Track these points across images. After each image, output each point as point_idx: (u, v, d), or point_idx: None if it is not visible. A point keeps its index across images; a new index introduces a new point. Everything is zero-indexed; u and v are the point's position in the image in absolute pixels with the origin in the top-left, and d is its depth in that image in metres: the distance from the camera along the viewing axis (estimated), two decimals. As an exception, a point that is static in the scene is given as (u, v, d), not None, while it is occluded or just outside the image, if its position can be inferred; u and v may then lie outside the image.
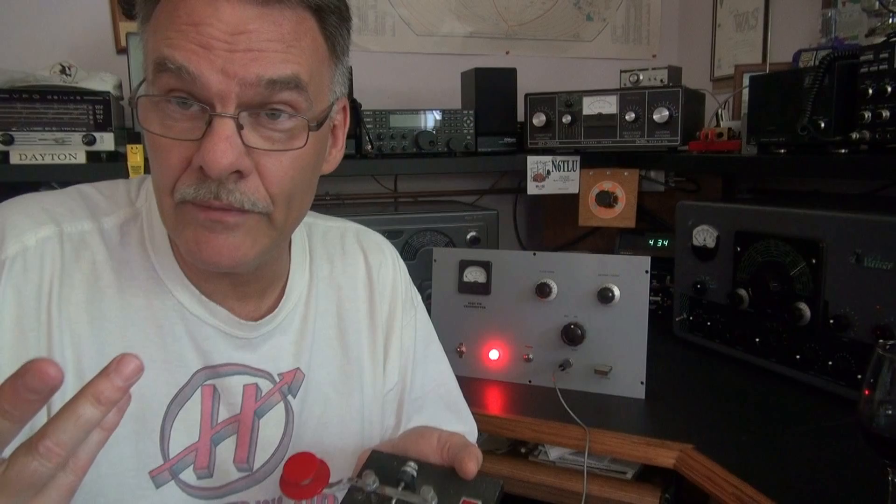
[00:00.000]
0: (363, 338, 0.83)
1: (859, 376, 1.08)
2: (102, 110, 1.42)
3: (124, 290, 0.67)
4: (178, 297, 0.69)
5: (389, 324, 0.86)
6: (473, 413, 0.96)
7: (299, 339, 0.77)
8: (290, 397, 0.75)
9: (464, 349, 1.32)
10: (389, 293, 0.87)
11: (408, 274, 0.92)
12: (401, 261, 0.92)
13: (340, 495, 0.58)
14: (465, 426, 0.92)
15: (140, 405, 0.66)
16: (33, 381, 0.39)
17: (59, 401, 0.62)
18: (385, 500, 0.56)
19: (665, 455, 1.01)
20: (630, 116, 1.65)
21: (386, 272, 0.87)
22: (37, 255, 0.64)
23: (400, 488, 0.56)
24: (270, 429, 0.74)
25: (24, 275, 0.63)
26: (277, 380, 0.75)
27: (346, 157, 0.77)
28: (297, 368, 0.76)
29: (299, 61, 0.59)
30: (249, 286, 0.72)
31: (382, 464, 0.59)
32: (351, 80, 1.49)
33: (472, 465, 0.56)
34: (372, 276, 0.86)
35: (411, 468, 0.58)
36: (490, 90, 1.81)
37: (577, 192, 1.82)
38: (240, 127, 0.58)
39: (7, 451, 0.49)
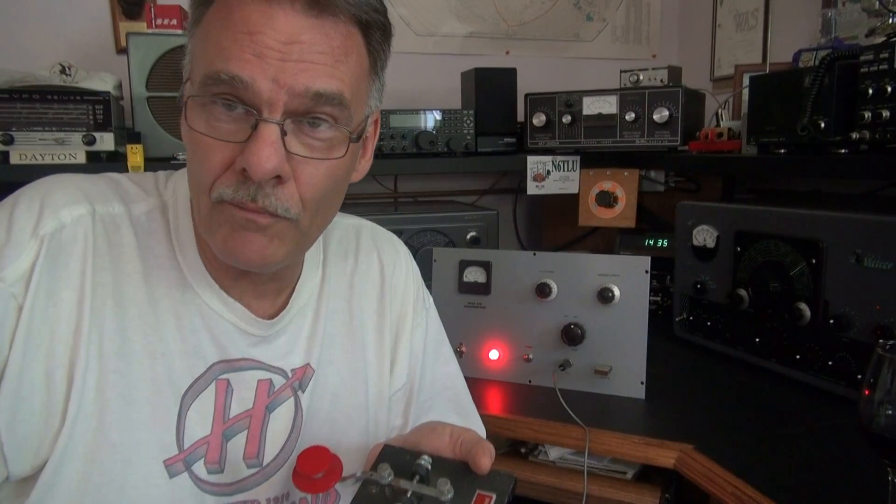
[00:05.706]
0: (370, 335, 0.84)
1: (859, 376, 1.07)
2: (102, 110, 1.42)
3: (148, 278, 0.68)
4: (198, 291, 0.70)
5: (400, 325, 0.86)
6: (473, 413, 0.95)
7: (311, 336, 0.78)
8: (300, 393, 0.76)
9: (464, 349, 1.32)
10: (401, 294, 0.88)
11: (420, 275, 0.92)
12: (413, 261, 0.93)
13: (353, 490, 0.58)
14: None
15: (157, 393, 0.67)
16: None
17: (81, 380, 0.63)
18: (400, 492, 0.56)
19: (665, 455, 1.01)
20: (630, 116, 1.65)
21: (399, 272, 0.88)
22: (72, 232, 0.65)
23: (415, 481, 0.56)
24: (280, 423, 0.75)
25: (59, 252, 0.64)
26: (290, 376, 0.76)
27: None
28: (308, 364, 0.77)
29: (344, 78, 0.62)
30: (268, 285, 0.74)
31: (396, 458, 0.59)
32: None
33: (485, 459, 0.57)
34: (385, 276, 0.87)
35: (426, 461, 0.58)
36: (490, 90, 1.81)
37: (577, 192, 1.82)
38: (283, 133, 0.60)
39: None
